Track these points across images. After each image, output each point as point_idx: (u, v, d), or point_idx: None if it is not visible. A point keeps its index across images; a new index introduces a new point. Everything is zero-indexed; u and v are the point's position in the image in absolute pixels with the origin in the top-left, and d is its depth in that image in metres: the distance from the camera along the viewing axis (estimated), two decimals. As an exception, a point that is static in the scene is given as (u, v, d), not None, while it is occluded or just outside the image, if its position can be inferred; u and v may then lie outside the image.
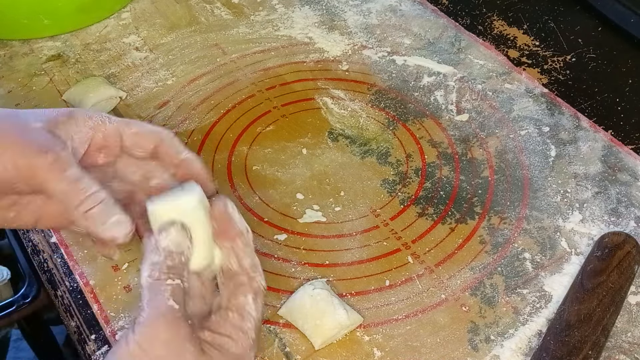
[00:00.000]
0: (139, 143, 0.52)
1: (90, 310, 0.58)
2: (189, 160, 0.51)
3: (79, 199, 0.46)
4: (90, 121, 0.50)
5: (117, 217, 0.46)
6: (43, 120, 0.48)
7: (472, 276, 0.60)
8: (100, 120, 0.50)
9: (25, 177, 0.46)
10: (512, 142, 0.71)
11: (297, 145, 0.71)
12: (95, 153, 0.51)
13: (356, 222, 0.64)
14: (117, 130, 0.51)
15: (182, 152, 0.51)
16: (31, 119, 0.48)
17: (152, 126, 0.52)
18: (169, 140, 0.51)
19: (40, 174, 0.46)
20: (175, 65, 0.81)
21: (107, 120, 0.51)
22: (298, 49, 0.83)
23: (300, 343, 0.55)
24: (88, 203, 0.46)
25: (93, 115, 0.51)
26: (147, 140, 0.51)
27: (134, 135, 0.51)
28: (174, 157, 0.51)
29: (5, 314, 0.75)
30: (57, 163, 0.46)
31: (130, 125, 0.51)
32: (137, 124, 0.52)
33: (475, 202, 0.66)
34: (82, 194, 0.46)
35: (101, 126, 0.50)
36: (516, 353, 0.55)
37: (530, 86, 0.77)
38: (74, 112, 0.50)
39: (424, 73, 0.79)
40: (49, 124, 0.48)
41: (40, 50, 0.83)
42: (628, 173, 0.68)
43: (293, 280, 0.60)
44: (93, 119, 0.50)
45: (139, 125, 0.52)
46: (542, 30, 0.86)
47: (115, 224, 0.46)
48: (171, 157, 0.51)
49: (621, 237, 0.59)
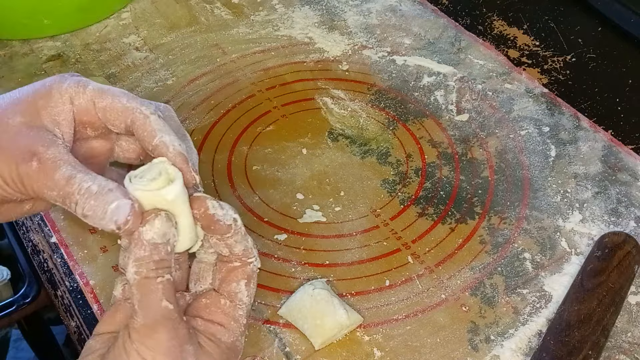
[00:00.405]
0: (109, 119, 0.47)
1: (90, 310, 0.58)
2: (164, 145, 0.45)
3: (74, 201, 0.42)
4: (66, 94, 0.46)
5: (115, 204, 0.41)
6: (20, 111, 0.44)
7: (472, 276, 0.60)
8: (74, 91, 0.46)
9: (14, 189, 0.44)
10: (512, 142, 0.71)
11: (297, 145, 0.71)
12: (81, 129, 0.47)
13: (356, 222, 0.64)
14: (92, 101, 0.46)
15: (155, 137, 0.45)
16: (8, 111, 0.44)
17: (126, 100, 0.46)
18: (141, 122, 0.46)
19: (28, 184, 0.43)
20: (175, 65, 0.81)
21: (82, 90, 0.46)
22: (298, 49, 0.83)
23: (300, 343, 0.55)
24: (80, 204, 0.42)
25: (68, 86, 0.46)
26: (117, 118, 0.46)
27: (104, 110, 0.46)
28: (146, 141, 0.46)
29: (5, 314, 0.75)
30: (44, 167, 0.42)
31: (104, 95, 0.46)
32: (112, 96, 0.46)
33: (475, 202, 0.66)
34: (73, 197, 0.42)
35: (76, 98, 0.46)
36: (516, 353, 0.55)
37: (530, 86, 0.77)
38: (51, 89, 0.46)
39: (424, 73, 0.79)
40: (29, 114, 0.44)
41: (40, 50, 0.83)
42: (628, 173, 0.68)
43: (293, 280, 0.60)
44: (69, 90, 0.46)
45: (113, 98, 0.46)
46: (542, 30, 0.86)
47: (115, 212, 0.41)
48: (144, 140, 0.46)
49: (621, 237, 0.59)
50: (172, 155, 0.45)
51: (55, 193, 0.42)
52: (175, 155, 0.45)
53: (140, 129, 0.46)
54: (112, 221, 0.41)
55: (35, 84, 0.47)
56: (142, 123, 0.46)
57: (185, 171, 0.45)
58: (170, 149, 0.45)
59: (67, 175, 0.42)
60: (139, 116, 0.46)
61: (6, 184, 0.43)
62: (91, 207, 0.42)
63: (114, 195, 0.42)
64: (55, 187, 0.42)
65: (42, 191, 0.43)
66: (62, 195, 0.42)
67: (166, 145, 0.45)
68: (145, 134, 0.46)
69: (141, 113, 0.46)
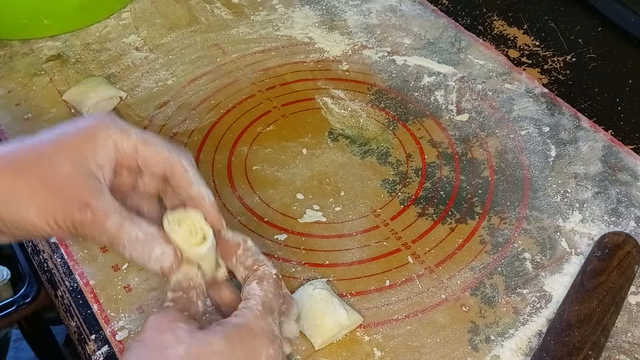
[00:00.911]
0: (149, 167, 0.50)
1: (90, 310, 0.58)
2: (200, 197, 0.50)
3: (122, 245, 0.47)
4: (110, 140, 0.49)
5: (159, 248, 0.47)
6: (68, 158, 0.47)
7: (472, 276, 0.60)
8: (119, 137, 0.49)
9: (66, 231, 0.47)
10: (512, 142, 0.71)
11: (297, 145, 0.71)
12: (119, 170, 0.50)
13: (356, 222, 0.64)
14: (135, 148, 0.50)
15: (192, 186, 0.50)
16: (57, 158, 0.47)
17: (168, 150, 0.50)
18: (180, 172, 0.50)
19: (80, 229, 0.47)
20: (176, 65, 0.81)
21: (126, 137, 0.49)
22: (298, 49, 0.83)
23: (300, 343, 0.55)
24: (128, 250, 0.47)
25: (112, 132, 0.49)
26: (157, 167, 0.50)
27: (145, 158, 0.50)
28: (183, 190, 0.50)
29: (5, 314, 0.75)
30: (96, 218, 0.46)
31: (147, 144, 0.50)
32: (154, 144, 0.50)
33: (476, 202, 0.66)
34: (124, 240, 0.47)
35: (119, 144, 0.49)
36: (516, 353, 0.55)
37: (530, 86, 0.77)
38: (96, 135, 0.49)
39: (424, 73, 0.79)
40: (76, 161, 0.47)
41: (40, 50, 0.83)
42: (628, 173, 0.68)
43: (293, 280, 0.60)
44: (112, 136, 0.49)
45: (155, 146, 0.50)
46: (542, 30, 0.86)
47: (159, 258, 0.47)
48: (181, 189, 0.50)
49: (621, 237, 0.59)
50: (207, 208, 0.50)
51: (105, 238, 0.47)
52: (210, 207, 0.50)
53: (179, 179, 0.50)
54: (157, 265, 0.47)
55: (78, 124, 0.50)
56: (182, 174, 0.50)
57: (216, 223, 0.50)
58: (206, 201, 0.50)
59: (117, 224, 0.46)
60: (179, 168, 0.50)
61: (58, 227, 0.47)
62: (138, 253, 0.47)
63: (157, 242, 0.47)
64: (106, 234, 0.46)
65: (93, 236, 0.47)
66: (111, 240, 0.47)
67: (203, 197, 0.50)
68: (183, 183, 0.50)
69: (181, 165, 0.50)
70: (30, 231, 0.48)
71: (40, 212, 0.46)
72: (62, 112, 0.75)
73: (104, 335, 0.56)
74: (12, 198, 0.46)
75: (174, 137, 0.72)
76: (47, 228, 0.47)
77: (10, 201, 0.47)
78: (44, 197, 0.46)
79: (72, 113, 0.75)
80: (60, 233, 0.47)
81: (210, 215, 0.50)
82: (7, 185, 0.47)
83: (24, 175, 0.47)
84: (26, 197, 0.46)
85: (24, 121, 0.74)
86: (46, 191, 0.46)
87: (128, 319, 0.57)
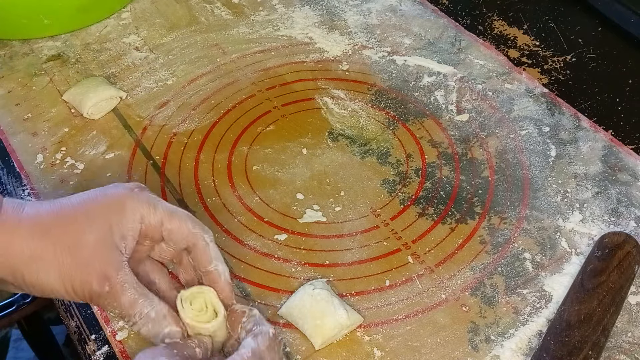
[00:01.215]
0: (173, 240, 0.52)
1: (90, 310, 0.58)
2: (216, 274, 0.52)
3: (133, 321, 0.49)
4: (138, 213, 0.51)
5: (167, 329, 0.49)
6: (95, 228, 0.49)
7: (472, 276, 0.60)
8: (146, 211, 0.51)
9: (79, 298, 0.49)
10: (512, 142, 0.71)
11: (297, 145, 0.71)
12: (142, 240, 0.52)
13: (356, 222, 0.64)
14: (160, 222, 0.51)
15: (210, 263, 0.52)
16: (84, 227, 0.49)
17: (192, 225, 0.52)
18: (202, 248, 0.52)
19: (95, 301, 0.49)
20: (176, 65, 0.81)
21: (153, 211, 0.51)
22: (298, 49, 0.83)
23: (300, 343, 0.55)
24: (141, 324, 0.49)
25: (140, 205, 0.51)
26: (181, 240, 0.52)
27: (170, 231, 0.52)
28: (201, 264, 0.52)
29: (5, 314, 0.75)
30: (113, 291, 0.48)
31: (172, 218, 0.52)
32: (179, 218, 0.52)
33: (476, 202, 0.66)
34: (136, 317, 0.49)
35: (146, 217, 0.51)
36: (516, 353, 0.55)
37: (530, 86, 0.77)
38: (125, 207, 0.50)
39: (424, 73, 0.79)
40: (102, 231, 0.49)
41: (40, 50, 0.83)
42: (628, 173, 0.68)
43: (293, 280, 0.60)
44: (140, 210, 0.51)
45: (180, 220, 0.52)
46: (542, 30, 0.86)
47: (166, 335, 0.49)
48: (200, 263, 0.53)
49: (621, 237, 0.59)
50: (221, 285, 0.52)
51: (118, 311, 0.49)
52: (224, 285, 0.52)
53: (199, 254, 0.52)
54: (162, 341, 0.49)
55: (108, 192, 0.52)
56: (202, 249, 0.52)
57: (227, 301, 0.52)
58: (222, 279, 0.52)
59: (132, 300, 0.49)
60: (201, 242, 0.52)
61: (75, 293, 0.49)
62: (147, 330, 0.49)
63: (167, 322, 0.49)
64: (119, 307, 0.49)
65: (106, 307, 0.50)
66: (123, 314, 0.49)
67: (219, 274, 0.52)
68: (203, 258, 0.52)
69: (204, 240, 0.52)
70: (45, 292, 0.50)
71: (60, 278, 0.48)
72: (62, 112, 0.75)
73: (104, 335, 0.56)
74: (35, 261, 0.48)
75: (174, 137, 0.72)
76: (63, 293, 0.49)
77: (33, 264, 0.48)
78: (67, 265, 0.48)
79: (72, 113, 0.75)
80: (76, 298, 0.49)
81: (224, 292, 0.52)
82: (32, 247, 0.48)
83: (50, 240, 0.48)
84: (49, 263, 0.48)
85: (24, 121, 0.74)
86: (70, 259, 0.48)
87: (128, 319, 0.57)
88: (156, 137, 0.72)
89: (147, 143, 0.72)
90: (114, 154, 0.70)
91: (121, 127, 0.73)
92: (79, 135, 0.72)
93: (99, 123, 0.74)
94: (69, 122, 0.74)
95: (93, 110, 0.74)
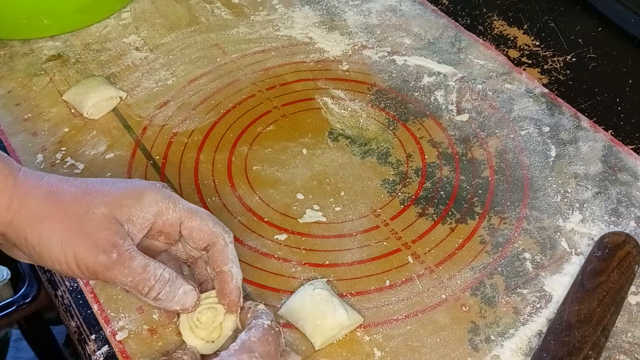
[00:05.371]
0: (193, 238, 0.53)
1: (90, 310, 0.58)
2: (228, 276, 0.52)
3: (147, 288, 0.49)
4: (155, 207, 0.51)
5: (182, 288, 0.50)
6: (106, 202, 0.49)
7: (473, 276, 0.60)
8: (165, 207, 0.51)
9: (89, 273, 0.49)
10: (512, 142, 0.71)
11: (297, 145, 0.71)
12: (155, 234, 0.52)
13: (356, 222, 0.64)
14: (179, 220, 0.52)
15: (226, 264, 0.52)
16: (97, 201, 0.49)
17: (213, 224, 0.52)
18: (220, 247, 0.52)
19: (101, 272, 0.48)
20: (176, 65, 0.81)
21: (172, 207, 0.51)
22: (298, 49, 0.83)
23: (300, 343, 0.55)
24: (156, 289, 0.49)
25: (160, 200, 0.51)
26: (201, 239, 0.52)
27: (191, 229, 0.52)
28: (217, 264, 0.53)
29: (5, 314, 0.75)
30: (122, 258, 0.48)
31: (193, 218, 0.52)
32: (200, 217, 0.52)
33: (476, 202, 0.66)
34: (149, 282, 0.49)
35: (164, 213, 0.51)
36: (516, 353, 0.55)
37: (530, 86, 0.77)
38: (143, 196, 0.50)
39: (424, 73, 0.79)
40: (112, 207, 0.49)
41: (40, 50, 0.83)
42: (628, 173, 0.68)
43: (293, 280, 0.60)
44: (159, 204, 0.51)
45: (201, 220, 0.52)
46: (542, 30, 0.86)
47: (182, 296, 0.50)
48: (215, 263, 0.53)
49: (621, 237, 0.59)
50: (230, 288, 0.52)
51: (130, 279, 0.48)
52: (232, 288, 0.52)
53: (217, 253, 0.52)
54: (178, 305, 0.50)
55: (130, 181, 0.52)
56: (221, 249, 0.52)
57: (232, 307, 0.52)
58: (232, 282, 0.52)
59: (143, 263, 0.49)
60: (221, 242, 0.53)
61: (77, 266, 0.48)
62: (166, 293, 0.49)
63: (180, 282, 0.50)
64: (131, 274, 0.48)
65: (116, 278, 0.48)
66: (137, 281, 0.48)
67: (232, 277, 0.52)
68: (219, 258, 0.52)
69: (223, 240, 0.53)
70: (43, 257, 0.49)
71: (61, 244, 0.48)
72: (62, 112, 0.75)
73: (104, 335, 0.56)
74: (41, 221, 0.48)
75: (174, 137, 0.72)
76: (62, 260, 0.48)
77: (38, 224, 0.48)
78: (71, 231, 0.48)
79: (72, 113, 0.75)
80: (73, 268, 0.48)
81: (231, 296, 0.52)
82: (42, 210, 0.48)
83: (61, 206, 0.49)
84: (54, 226, 0.48)
85: (24, 121, 0.74)
86: (76, 226, 0.48)
87: (128, 319, 0.57)
88: (156, 137, 0.72)
89: (147, 143, 0.72)
90: (114, 154, 0.70)
91: (121, 127, 0.73)
92: (79, 135, 0.73)
93: (99, 123, 0.74)
94: (69, 122, 0.74)
95: (93, 110, 0.74)
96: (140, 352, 0.55)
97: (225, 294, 0.52)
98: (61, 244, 0.48)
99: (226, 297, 0.52)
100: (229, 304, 0.52)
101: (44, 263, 0.50)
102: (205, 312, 0.52)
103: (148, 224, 0.51)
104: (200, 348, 0.52)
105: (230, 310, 0.52)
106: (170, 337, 0.55)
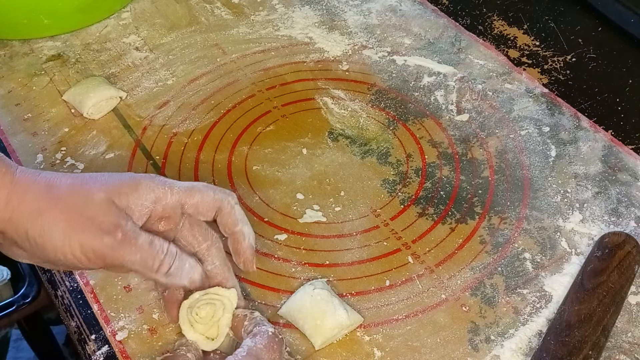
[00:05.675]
0: (200, 212, 0.54)
1: (90, 310, 0.58)
2: (240, 235, 0.54)
3: (157, 263, 0.49)
4: (152, 194, 0.51)
5: (188, 262, 0.51)
6: (105, 190, 0.49)
7: (473, 276, 0.60)
8: (162, 192, 0.51)
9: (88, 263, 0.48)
10: (512, 142, 0.71)
11: (297, 145, 0.71)
12: (155, 222, 0.52)
13: (356, 222, 0.64)
14: (179, 202, 0.52)
15: (236, 225, 0.54)
16: (94, 188, 0.49)
17: (214, 193, 0.53)
18: (228, 211, 0.54)
19: (108, 254, 0.48)
20: (176, 65, 0.81)
21: (169, 191, 0.52)
22: (298, 49, 0.83)
23: (300, 343, 0.55)
24: (166, 263, 0.50)
25: (155, 186, 0.51)
26: (208, 210, 0.53)
27: (195, 205, 0.53)
28: (228, 227, 0.54)
29: (5, 314, 0.75)
30: (126, 237, 0.48)
31: (193, 194, 0.53)
32: (200, 192, 0.53)
33: (476, 202, 0.66)
34: (159, 256, 0.49)
35: (162, 199, 0.51)
36: (516, 353, 0.55)
37: (530, 86, 0.77)
38: (139, 185, 0.51)
39: (424, 73, 0.79)
40: (111, 194, 0.49)
41: (40, 50, 0.83)
42: (628, 173, 0.68)
43: (293, 280, 0.60)
44: (155, 191, 0.51)
45: (201, 193, 0.53)
46: (542, 30, 0.86)
47: (189, 270, 0.51)
48: (226, 226, 0.54)
49: (621, 237, 0.59)
50: (244, 247, 0.55)
51: (139, 256, 0.48)
52: (246, 248, 0.55)
53: (226, 217, 0.54)
54: (186, 280, 0.51)
55: (124, 174, 0.52)
56: (228, 212, 0.54)
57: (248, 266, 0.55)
58: (245, 241, 0.55)
59: (149, 240, 0.49)
60: (227, 206, 0.54)
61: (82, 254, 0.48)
62: (176, 267, 0.50)
63: (185, 256, 0.51)
64: (139, 250, 0.48)
65: (124, 258, 0.48)
66: (146, 257, 0.49)
67: (244, 236, 0.55)
68: (229, 221, 0.54)
69: (229, 203, 0.54)
70: (47, 251, 0.48)
71: (64, 234, 0.48)
72: (62, 112, 0.75)
73: (104, 335, 0.56)
74: (41, 215, 0.48)
75: (174, 137, 0.72)
76: (67, 250, 0.48)
77: (38, 218, 0.48)
78: (73, 221, 0.48)
79: (72, 113, 0.75)
80: (80, 257, 0.48)
81: (245, 255, 0.55)
82: (41, 203, 0.48)
83: (60, 200, 0.49)
84: (55, 218, 0.48)
85: (24, 121, 0.74)
86: (77, 215, 0.48)
87: (128, 319, 0.57)
88: (156, 137, 0.72)
89: (147, 143, 0.72)
90: (114, 154, 0.70)
91: (121, 127, 0.73)
92: (79, 135, 0.73)
93: (99, 123, 0.74)
94: (69, 122, 0.74)
95: (93, 110, 0.74)
96: (140, 352, 0.55)
97: (239, 254, 0.54)
98: (64, 234, 0.48)
99: (241, 256, 0.54)
100: (244, 262, 0.54)
101: (47, 257, 0.49)
102: (204, 307, 0.52)
103: (147, 212, 0.51)
104: (200, 343, 0.52)
105: (246, 268, 0.55)
106: (170, 337, 0.55)
